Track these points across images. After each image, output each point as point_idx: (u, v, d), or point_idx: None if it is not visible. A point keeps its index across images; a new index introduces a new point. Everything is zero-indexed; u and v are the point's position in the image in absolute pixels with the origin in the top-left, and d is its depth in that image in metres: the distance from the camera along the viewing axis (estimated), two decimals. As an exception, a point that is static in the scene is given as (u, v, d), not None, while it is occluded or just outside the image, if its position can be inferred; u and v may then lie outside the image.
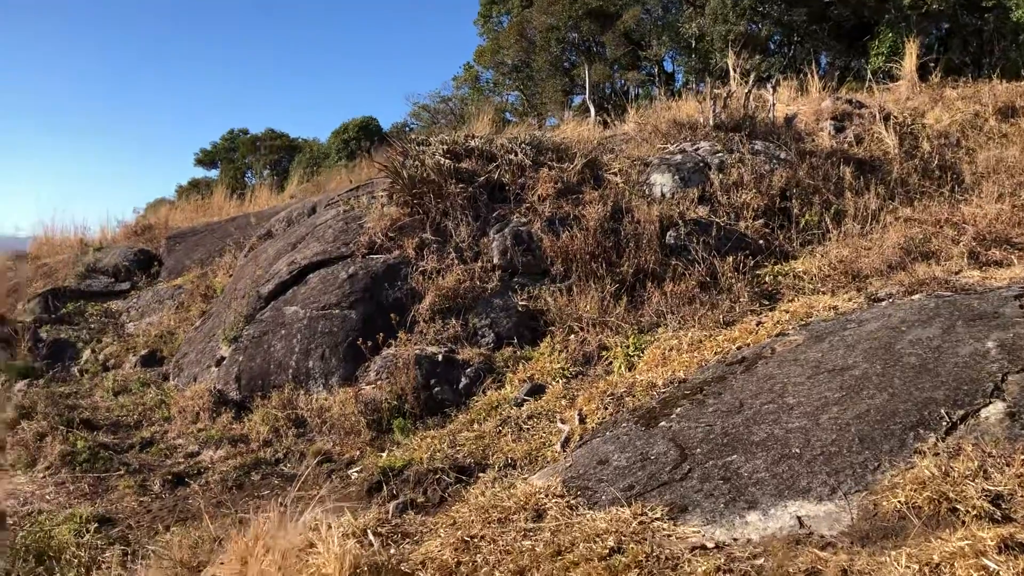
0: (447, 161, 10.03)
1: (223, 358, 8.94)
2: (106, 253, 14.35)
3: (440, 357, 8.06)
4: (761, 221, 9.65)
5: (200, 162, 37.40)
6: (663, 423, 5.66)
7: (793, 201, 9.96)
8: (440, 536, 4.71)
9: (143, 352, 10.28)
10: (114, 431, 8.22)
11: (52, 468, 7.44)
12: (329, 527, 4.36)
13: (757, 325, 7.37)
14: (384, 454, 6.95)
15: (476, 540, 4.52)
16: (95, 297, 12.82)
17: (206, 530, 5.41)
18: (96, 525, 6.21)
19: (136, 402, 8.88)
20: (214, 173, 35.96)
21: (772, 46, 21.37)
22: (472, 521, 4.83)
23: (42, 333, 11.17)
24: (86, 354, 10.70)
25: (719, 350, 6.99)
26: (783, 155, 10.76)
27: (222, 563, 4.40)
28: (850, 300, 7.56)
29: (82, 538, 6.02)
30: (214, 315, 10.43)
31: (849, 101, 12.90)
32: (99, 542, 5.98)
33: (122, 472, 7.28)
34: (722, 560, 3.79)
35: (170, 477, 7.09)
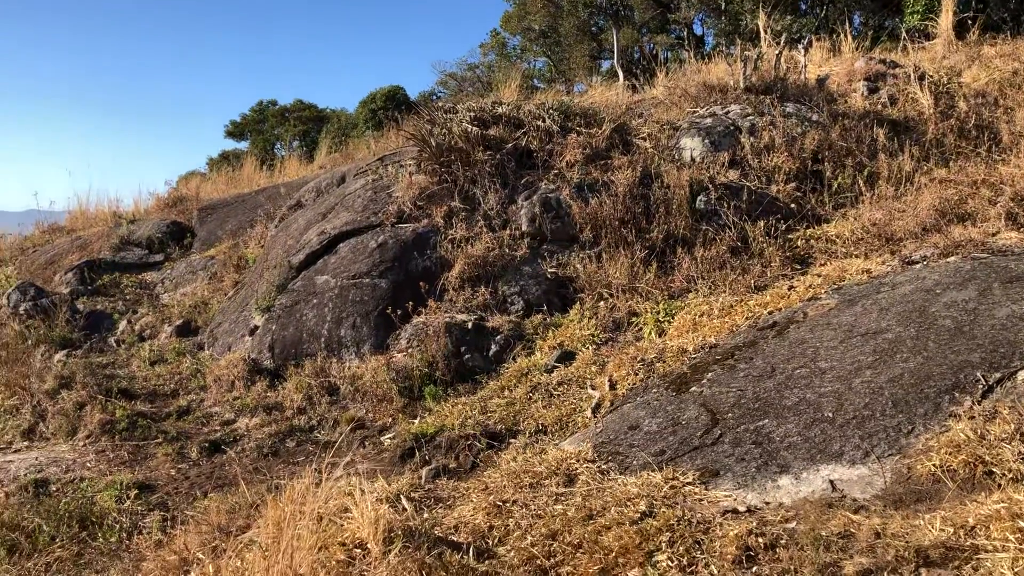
0: (475, 128, 9.98)
1: (256, 327, 9.04)
2: (140, 225, 14.50)
3: (470, 325, 8.09)
4: (793, 184, 9.51)
5: (230, 134, 37.53)
6: (694, 388, 5.66)
7: (825, 164, 9.81)
8: (472, 501, 4.76)
9: (178, 322, 10.41)
10: (151, 400, 8.36)
11: (92, 436, 7.59)
12: (363, 492, 4.42)
13: (789, 289, 7.32)
14: (416, 421, 7.02)
15: (508, 505, 4.57)
16: (130, 269, 12.98)
17: (243, 496, 5.51)
18: (136, 491, 6.35)
19: (172, 371, 9.02)
20: (244, 145, 36.10)
21: (803, 6, 20.95)
22: (504, 486, 4.87)
23: (79, 305, 11.34)
24: (122, 325, 10.86)
25: (750, 315, 6.95)
26: (815, 117, 10.58)
27: (259, 528, 4.48)
28: (883, 263, 7.47)
29: (123, 504, 6.17)
30: (246, 285, 10.54)
31: (883, 61, 12.62)
32: (139, 508, 6.13)
33: (160, 440, 7.42)
34: (754, 524, 3.80)
35: (207, 444, 7.21)
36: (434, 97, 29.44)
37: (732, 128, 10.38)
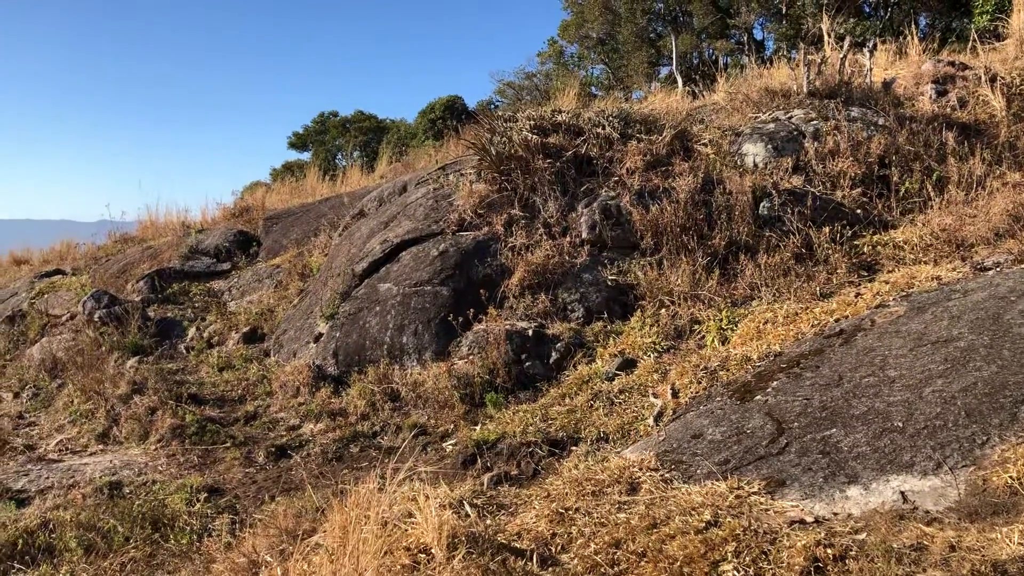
0: (534, 136, 10.02)
1: (321, 334, 9.20)
2: (207, 235, 14.87)
3: (530, 332, 8.11)
4: (859, 190, 9.34)
5: (293, 145, 38.26)
6: (759, 397, 5.58)
7: (892, 169, 9.61)
8: (535, 508, 4.77)
9: (245, 329, 10.64)
10: (220, 405, 8.56)
11: (163, 440, 7.80)
12: (427, 498, 4.46)
13: (856, 296, 7.18)
14: (477, 427, 7.05)
15: (571, 512, 4.56)
16: (198, 277, 13.31)
17: (309, 500, 5.61)
18: (206, 495, 6.51)
19: (239, 377, 9.22)
20: (306, 155, 36.77)
21: (867, 9, 20.57)
22: (566, 494, 4.87)
23: (150, 312, 11.67)
24: (191, 332, 11.14)
25: (816, 323, 6.83)
26: (881, 121, 10.37)
27: (325, 532, 4.56)
28: (954, 270, 7.28)
29: (193, 507, 6.32)
30: (311, 293, 10.72)
31: (951, 63, 12.32)
32: (209, 511, 6.27)
33: (228, 444, 7.59)
34: (822, 535, 3.73)
35: (273, 449, 7.36)
36: (492, 106, 29.61)
37: (795, 133, 10.23)
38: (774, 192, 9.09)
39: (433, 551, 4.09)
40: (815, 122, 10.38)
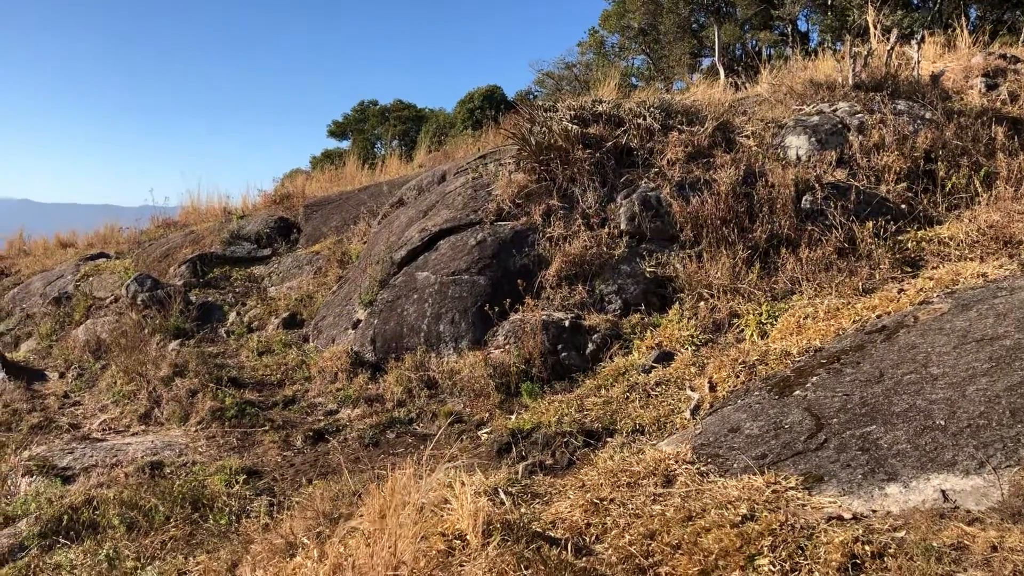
0: (574, 127, 9.99)
1: (359, 321, 9.27)
2: (248, 221, 15.05)
3: (567, 323, 8.10)
4: (904, 184, 9.19)
5: (332, 133, 38.55)
6: (798, 392, 5.53)
7: (939, 163, 9.43)
8: (569, 498, 4.78)
9: (284, 315, 10.77)
10: (259, 389, 8.68)
11: (203, 423, 7.93)
12: (462, 485, 4.49)
13: (899, 293, 7.07)
14: (512, 416, 7.07)
15: (605, 503, 4.57)
16: (239, 262, 13.49)
17: (346, 484, 5.66)
18: (244, 476, 6.60)
19: (279, 362, 9.34)
20: (346, 144, 37.02)
21: (915, 1, 20.19)
22: (601, 484, 4.87)
23: (192, 296, 11.85)
24: (232, 316, 11.30)
25: (857, 318, 6.75)
26: (928, 115, 10.19)
27: (362, 516, 4.60)
28: (1001, 267, 7.14)
29: (232, 488, 6.41)
30: (350, 280, 10.81)
31: (1002, 56, 12.05)
32: (247, 492, 6.36)
33: (267, 428, 7.70)
34: (860, 531, 3.70)
35: (311, 433, 7.45)
36: (531, 96, 29.57)
37: (840, 126, 10.09)
38: (817, 185, 8.98)
39: (468, 538, 4.12)
40: (860, 115, 10.22)
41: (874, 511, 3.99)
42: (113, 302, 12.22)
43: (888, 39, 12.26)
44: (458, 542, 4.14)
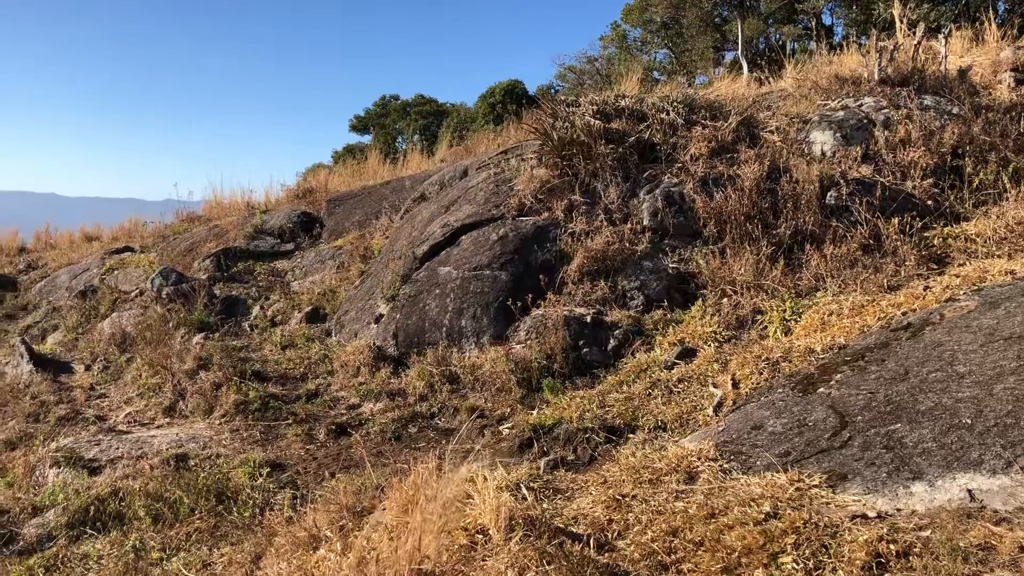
0: (597, 122, 9.96)
1: (381, 316, 9.31)
2: (271, 215, 15.14)
3: (588, 319, 8.09)
4: (930, 180, 9.09)
5: (354, 128, 38.70)
6: (822, 389, 5.50)
7: (966, 159, 9.32)
8: (591, 494, 4.78)
9: (307, 309, 10.83)
10: (282, 383, 8.74)
11: (227, 416, 8.00)
12: (485, 480, 4.51)
13: (924, 290, 7.00)
14: (534, 412, 7.08)
15: (627, 499, 4.57)
16: (262, 257, 13.58)
17: (368, 478, 5.70)
18: (268, 469, 6.67)
19: (302, 356, 9.40)
20: (367, 138, 37.14)
21: (943, -7, 19.95)
22: (623, 480, 4.87)
23: (216, 290, 11.94)
24: (255, 310, 11.38)
25: (882, 315, 6.69)
26: (955, 110, 10.07)
27: (385, 510, 4.63)
28: (1030, 264, 7.05)
29: (256, 481, 6.47)
30: (372, 275, 10.85)
31: (1032, 50, 11.88)
32: (271, 485, 6.42)
33: (290, 421, 7.76)
34: (885, 530, 3.68)
35: (334, 427, 7.49)
36: (552, 91, 29.53)
37: (865, 121, 10.00)
38: (842, 181, 8.90)
39: (490, 532, 4.13)
40: (886, 110, 10.12)
41: (899, 510, 3.96)
42: (138, 295, 12.34)
43: (915, 33, 12.12)
44: (480, 537, 4.16)
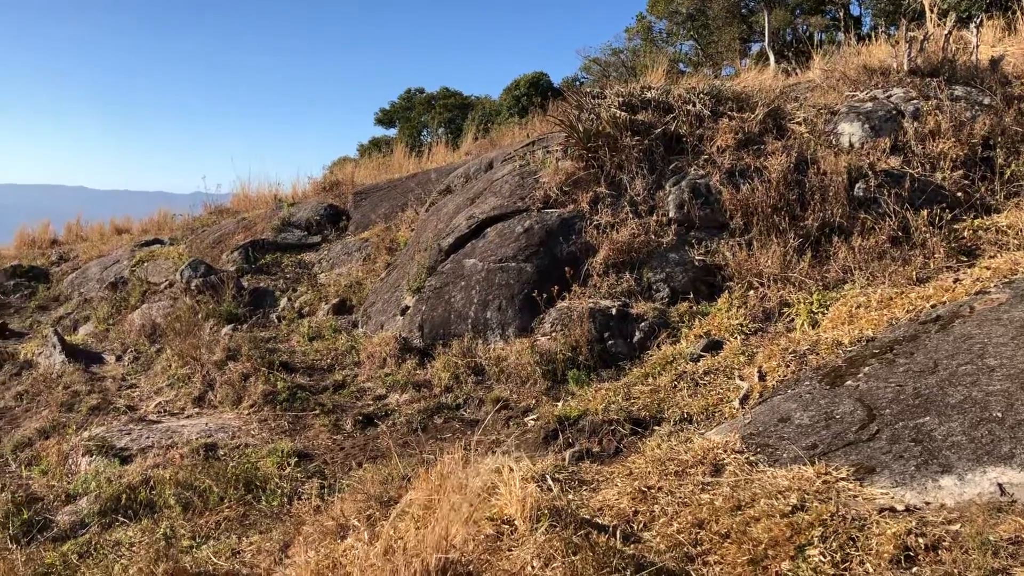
0: (623, 113, 9.93)
1: (407, 308, 9.36)
2: (298, 208, 15.23)
3: (614, 311, 8.09)
4: (960, 172, 8.98)
5: (380, 121, 38.80)
6: (849, 382, 5.47)
7: (997, 150, 9.20)
8: (617, 485, 4.79)
9: (334, 301, 10.91)
10: (309, 373, 8.81)
11: (255, 406, 8.09)
12: (511, 470, 4.53)
13: (954, 282, 6.94)
14: (559, 404, 7.09)
15: (653, 491, 4.57)
16: (290, 249, 13.68)
17: (395, 468, 5.74)
18: (296, 459, 6.73)
19: (329, 347, 9.46)
20: (392, 131, 37.24)
21: (975, -18, 19.65)
22: (648, 472, 4.88)
23: (244, 282, 12.05)
24: (283, 302, 11.47)
25: (911, 308, 6.63)
26: (987, 101, 9.94)
27: (412, 500, 4.67)
28: (1063, 257, 6.96)
29: (284, 470, 6.54)
30: (398, 267, 10.91)
31: (1067, 39, 11.70)
32: (299, 475, 6.48)
33: (317, 411, 7.82)
34: (913, 523, 3.66)
35: (360, 418, 7.55)
36: (577, 83, 29.44)
37: (894, 112, 9.89)
38: (870, 173, 8.82)
39: (516, 523, 4.16)
40: (915, 101, 10.01)
41: (927, 503, 3.94)
42: (167, 287, 12.49)
43: (945, 23, 11.97)
44: (506, 527, 4.18)
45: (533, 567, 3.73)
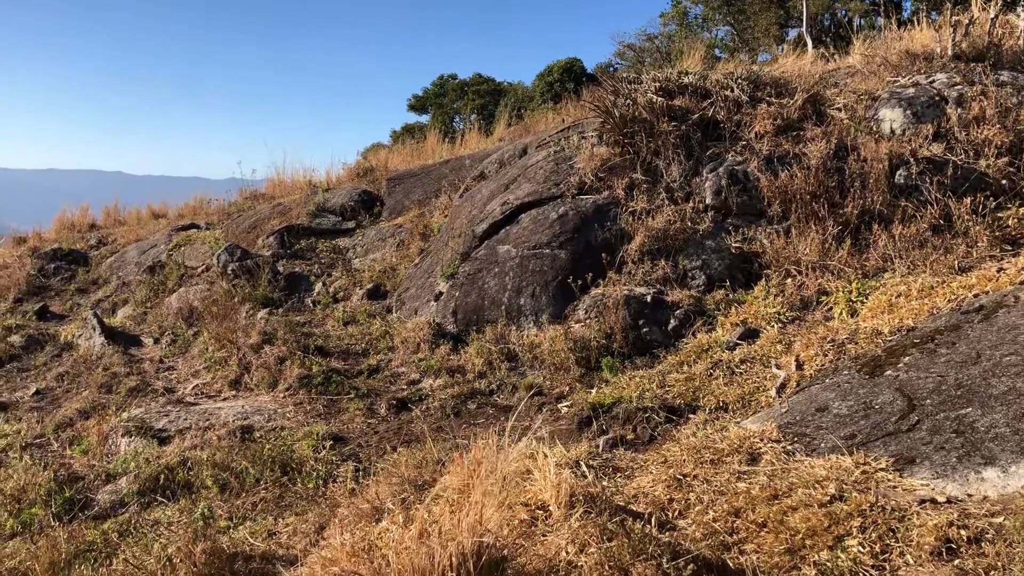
0: (659, 99, 9.84)
1: (441, 293, 9.38)
2: (333, 194, 15.30)
3: (649, 298, 8.04)
4: (1005, 159, 8.78)
5: (412, 108, 38.77)
6: (889, 372, 5.39)
7: (1044, 136, 8.98)
8: (651, 473, 4.76)
9: (368, 286, 10.96)
10: (344, 358, 8.87)
11: (291, 389, 8.16)
12: (545, 456, 4.52)
13: (998, 271, 6.80)
14: (593, 391, 7.07)
15: (688, 479, 4.54)
16: (324, 234, 13.75)
17: (429, 452, 5.76)
18: (331, 442, 6.79)
19: (363, 332, 9.51)
20: (425, 118, 37.21)
21: (1022, -36, 19.17)
22: (684, 460, 4.84)
23: (279, 267, 12.14)
24: (318, 287, 11.55)
25: (953, 297, 6.51)
26: (1034, 86, 9.70)
27: (445, 483, 4.68)
28: (1111, 246, 6.80)
29: (319, 453, 6.60)
30: (432, 253, 10.93)
31: (1118, 23, 11.38)
32: (334, 458, 6.54)
33: (352, 395, 7.87)
34: (955, 515, 3.60)
35: (394, 402, 7.59)
36: (611, 69, 29.19)
37: (937, 98, 9.70)
38: (912, 160, 8.67)
39: (551, 508, 4.15)
40: (959, 87, 9.80)
41: (969, 495, 3.87)
42: (204, 271, 12.62)
43: (990, 7, 11.70)
44: (541, 512, 4.18)
45: (568, 552, 3.72)
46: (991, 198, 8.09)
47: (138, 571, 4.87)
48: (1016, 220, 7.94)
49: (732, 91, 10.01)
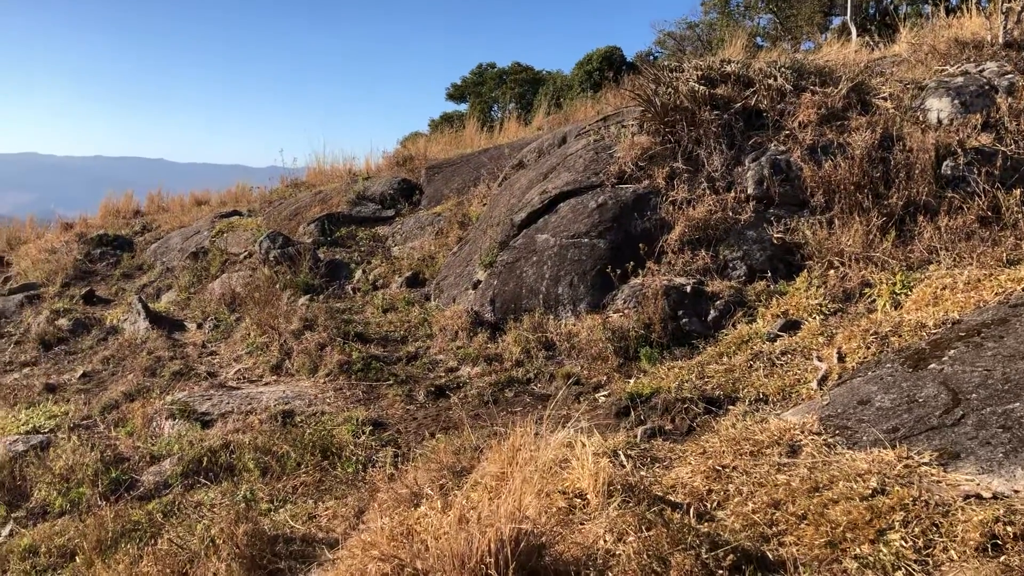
0: (701, 87, 9.75)
1: (479, 282, 9.41)
2: (372, 182, 15.40)
3: (688, 288, 7.99)
4: (1057, 150, 8.59)
5: (451, 96, 38.81)
6: (933, 365, 5.30)
7: (1098, 127, 8.76)
8: (690, 463, 4.75)
9: (407, 274, 11.03)
10: (383, 344, 8.94)
11: (331, 375, 8.25)
12: (583, 445, 4.53)
13: (1048, 265, 6.66)
14: (631, 381, 7.05)
15: (727, 470, 4.52)
16: (364, 222, 13.85)
17: (467, 439, 5.80)
18: (370, 428, 6.86)
19: (402, 319, 9.58)
20: (463, 107, 37.24)
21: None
22: (723, 451, 4.81)
23: (320, 254, 12.26)
24: (358, 274, 11.65)
25: (1000, 290, 6.39)
26: (1088, 75, 9.45)
27: (484, 470, 4.71)
28: None
29: (359, 438, 6.67)
30: (470, 241, 10.96)
31: None
32: (373, 443, 6.60)
33: (391, 382, 7.94)
34: (1001, 511, 3.54)
35: (433, 389, 7.64)
36: (651, 57, 28.95)
37: (987, 88, 9.49)
38: (959, 150, 8.50)
39: (588, 497, 4.16)
40: (1010, 76, 9.58)
41: (1016, 491, 3.81)
42: (246, 257, 12.79)
43: (1045, -7, 11.41)
44: (578, 500, 4.19)
45: (606, 541, 3.73)
46: (1042, 190, 7.91)
47: (182, 551, 4.97)
48: (1068, 212, 7.76)
49: (775, 80, 9.88)
